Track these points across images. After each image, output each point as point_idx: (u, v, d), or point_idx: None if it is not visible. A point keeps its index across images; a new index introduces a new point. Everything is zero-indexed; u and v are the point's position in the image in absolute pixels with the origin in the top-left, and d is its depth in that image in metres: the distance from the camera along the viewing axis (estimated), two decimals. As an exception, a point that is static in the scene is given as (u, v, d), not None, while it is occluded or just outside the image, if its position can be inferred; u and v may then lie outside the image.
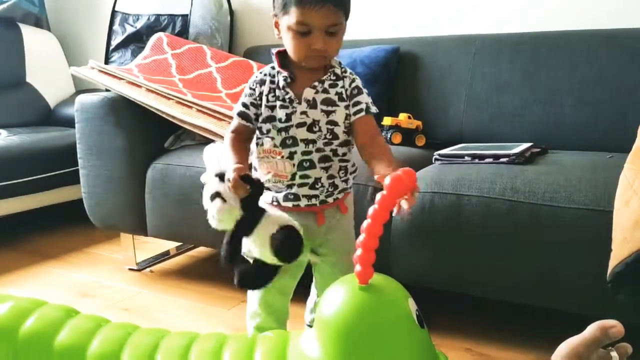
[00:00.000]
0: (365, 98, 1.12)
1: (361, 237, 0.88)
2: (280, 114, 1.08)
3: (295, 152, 1.09)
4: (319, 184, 1.11)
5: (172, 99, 1.73)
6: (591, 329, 0.55)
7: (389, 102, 1.92)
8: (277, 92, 1.09)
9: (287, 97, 1.08)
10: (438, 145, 1.67)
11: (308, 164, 1.10)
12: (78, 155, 1.79)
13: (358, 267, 0.88)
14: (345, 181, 1.15)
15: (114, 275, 1.87)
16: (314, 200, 1.12)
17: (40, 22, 2.82)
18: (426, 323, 0.87)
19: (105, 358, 0.85)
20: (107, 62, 2.42)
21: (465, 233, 1.26)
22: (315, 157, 1.10)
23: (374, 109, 1.12)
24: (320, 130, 1.09)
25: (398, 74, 1.95)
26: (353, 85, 1.12)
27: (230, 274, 1.76)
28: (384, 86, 1.91)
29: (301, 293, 1.18)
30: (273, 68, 1.11)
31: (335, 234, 1.16)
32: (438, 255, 1.30)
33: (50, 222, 2.42)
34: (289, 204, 1.12)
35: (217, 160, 1.53)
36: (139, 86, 1.76)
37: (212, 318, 1.53)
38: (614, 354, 0.56)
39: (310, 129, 1.09)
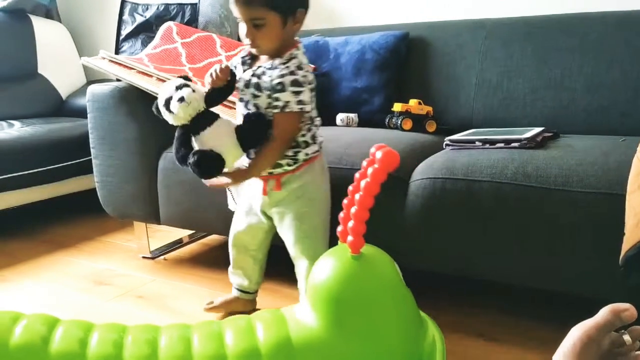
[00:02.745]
0: (286, 97, 1.16)
1: (353, 208, 0.91)
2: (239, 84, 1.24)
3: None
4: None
5: (183, 88, 1.73)
6: (604, 313, 0.55)
7: (399, 88, 1.91)
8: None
9: (245, 72, 1.22)
10: (449, 131, 1.67)
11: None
12: (91, 145, 1.81)
13: (350, 238, 0.91)
14: (294, 157, 1.24)
15: (128, 263, 1.89)
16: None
17: (50, 13, 2.84)
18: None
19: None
20: (117, 52, 2.43)
21: (476, 218, 1.26)
22: None
23: (293, 108, 1.17)
24: (249, 107, 1.23)
25: (408, 60, 1.94)
26: (278, 81, 1.16)
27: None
28: (393, 72, 1.90)
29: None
30: None
31: (289, 212, 1.28)
32: (450, 240, 1.30)
33: (65, 212, 2.45)
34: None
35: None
36: (150, 75, 1.77)
37: (225, 305, 1.55)
38: (626, 337, 0.57)
39: (246, 106, 1.24)
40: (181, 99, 1.16)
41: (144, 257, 1.93)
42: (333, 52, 1.97)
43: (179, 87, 1.18)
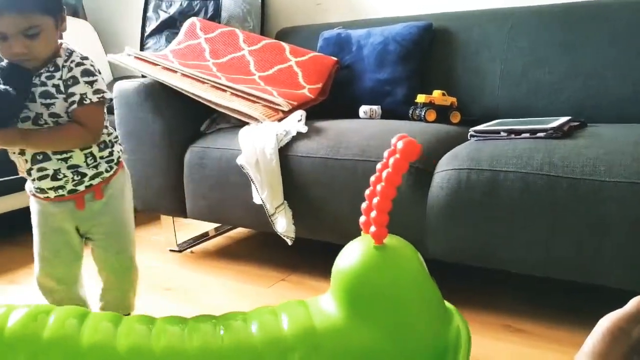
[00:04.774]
0: (81, 89, 1.06)
1: (375, 199, 0.91)
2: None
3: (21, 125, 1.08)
4: (60, 175, 1.11)
5: (207, 83, 1.75)
6: (633, 303, 0.54)
7: (422, 79, 1.90)
8: None
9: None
10: (473, 121, 1.65)
11: (42, 156, 1.09)
12: (118, 141, 1.84)
13: (373, 228, 0.91)
14: (96, 166, 1.14)
15: (156, 256, 1.92)
16: (60, 192, 1.12)
17: (77, 11, 2.89)
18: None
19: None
20: (142, 48, 2.46)
21: (502, 209, 1.25)
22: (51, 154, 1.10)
23: (92, 99, 1.07)
24: (46, 122, 1.07)
25: (431, 51, 1.93)
26: (69, 75, 1.06)
27: (268, 253, 1.81)
28: (417, 63, 1.90)
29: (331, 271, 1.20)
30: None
31: (103, 218, 1.17)
32: (475, 231, 1.29)
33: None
34: (41, 196, 1.13)
35: (252, 141, 1.56)
36: (174, 71, 1.79)
37: (252, 296, 1.57)
38: None
39: (35, 122, 1.07)
40: None
41: (171, 250, 1.96)
42: (355, 45, 1.97)
43: None
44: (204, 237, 2.07)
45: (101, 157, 1.15)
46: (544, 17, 1.78)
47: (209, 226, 2.12)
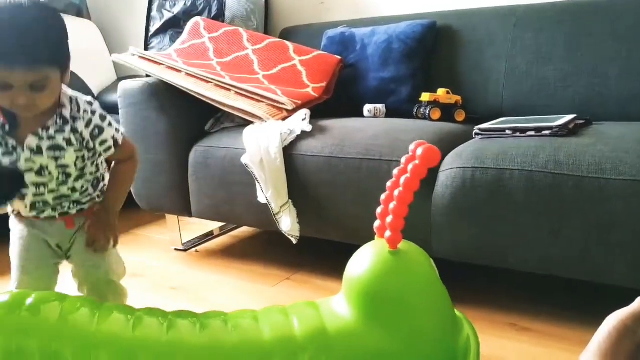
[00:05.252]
0: (109, 133, 1.10)
1: (392, 204, 0.91)
2: (5, 160, 1.04)
3: (26, 194, 1.08)
4: (58, 209, 1.12)
5: (211, 82, 1.75)
6: None
7: (427, 78, 1.90)
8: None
9: (9, 143, 1.02)
10: (478, 120, 1.65)
11: (41, 204, 1.11)
12: (123, 140, 1.84)
13: (388, 233, 0.91)
14: (92, 199, 1.15)
15: (161, 255, 1.93)
16: (53, 213, 1.12)
17: (81, 12, 2.89)
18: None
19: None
20: (146, 48, 2.47)
21: (507, 208, 1.25)
22: (49, 197, 1.10)
23: (120, 137, 1.12)
24: (50, 174, 1.07)
25: (436, 49, 1.93)
26: (92, 127, 1.08)
27: (273, 252, 1.81)
28: (421, 62, 1.89)
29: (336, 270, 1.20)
30: None
31: (80, 237, 1.16)
32: (480, 230, 1.29)
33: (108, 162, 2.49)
34: (29, 214, 1.13)
35: (257, 140, 1.56)
36: (179, 71, 1.79)
37: (256, 295, 1.57)
38: None
39: (39, 173, 1.06)
40: None
41: (176, 250, 1.96)
42: (360, 43, 1.97)
43: None
44: (209, 236, 2.08)
45: (95, 190, 1.17)
46: (548, 15, 1.78)
47: (214, 225, 2.12)
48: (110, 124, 1.11)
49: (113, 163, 1.19)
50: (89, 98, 1.11)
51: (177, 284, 1.68)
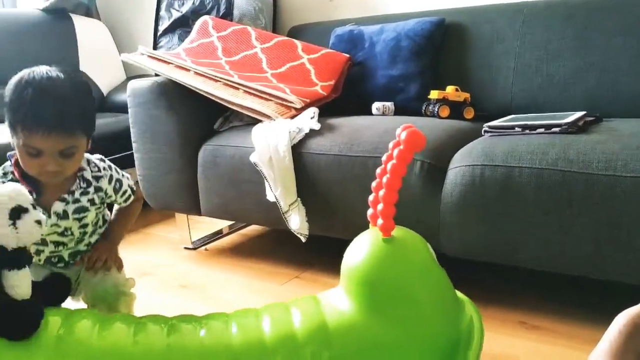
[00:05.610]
0: (126, 184, 1.19)
1: (381, 191, 0.90)
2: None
3: (42, 251, 1.12)
4: (70, 261, 1.17)
5: (220, 81, 1.76)
6: (650, 298, 0.54)
7: (435, 75, 1.89)
8: None
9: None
10: (487, 117, 1.64)
11: (57, 259, 1.16)
12: (132, 139, 1.85)
13: (380, 221, 0.90)
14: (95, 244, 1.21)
15: (170, 254, 1.93)
16: (65, 265, 1.18)
17: (90, 11, 2.90)
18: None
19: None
20: (155, 47, 2.48)
21: (517, 206, 1.24)
22: (65, 254, 1.16)
23: (133, 184, 1.22)
24: (72, 234, 1.14)
25: (444, 46, 1.92)
26: (114, 182, 1.16)
27: (282, 250, 1.81)
28: (430, 59, 1.89)
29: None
30: (5, 174, 1.06)
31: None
32: (489, 228, 1.29)
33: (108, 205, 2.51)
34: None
35: (265, 138, 1.56)
36: (188, 70, 1.80)
37: (265, 293, 1.58)
38: None
39: (62, 234, 1.12)
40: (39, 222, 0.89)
41: (185, 248, 1.97)
42: (368, 41, 1.97)
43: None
44: (218, 234, 2.08)
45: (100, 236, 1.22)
46: (557, 11, 1.77)
47: (223, 224, 2.13)
48: (123, 175, 1.19)
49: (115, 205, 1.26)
50: (99, 155, 1.17)
51: (186, 282, 1.69)
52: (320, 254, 1.79)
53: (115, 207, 1.26)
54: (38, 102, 0.97)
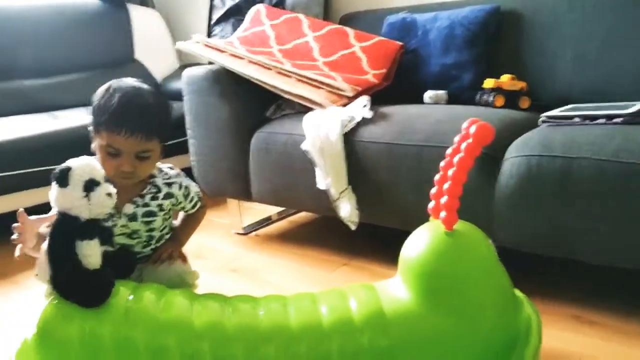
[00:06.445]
0: (194, 191, 1.25)
1: (446, 184, 0.90)
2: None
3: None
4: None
5: (272, 69, 1.78)
6: None
7: (490, 64, 1.85)
8: None
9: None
10: (543, 107, 1.60)
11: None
12: (186, 126, 1.89)
13: (443, 214, 0.90)
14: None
15: (222, 238, 1.98)
16: None
17: (145, 1, 2.98)
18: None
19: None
20: (209, 36, 2.52)
21: (575, 197, 1.21)
22: None
23: (199, 192, 1.28)
24: (140, 237, 1.19)
25: (499, 34, 1.88)
26: (183, 188, 1.22)
27: (331, 237, 1.83)
28: (484, 47, 1.85)
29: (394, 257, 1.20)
30: None
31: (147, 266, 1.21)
32: (546, 220, 1.26)
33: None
34: None
35: (317, 126, 1.57)
36: (241, 58, 1.82)
37: (315, 279, 1.59)
38: None
39: (130, 236, 1.18)
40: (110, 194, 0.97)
41: (236, 233, 2.01)
42: (421, 29, 1.94)
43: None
44: (267, 221, 2.11)
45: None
46: (621, -3, 1.70)
47: (272, 210, 2.16)
48: (190, 183, 1.25)
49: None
50: (169, 165, 1.24)
51: (237, 267, 1.72)
52: (370, 242, 1.79)
53: (181, 214, 1.32)
54: (123, 107, 1.07)
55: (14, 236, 0.96)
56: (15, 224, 0.96)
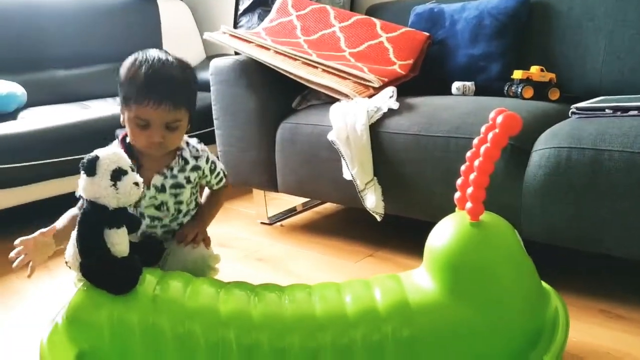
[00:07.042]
0: (220, 167, 1.30)
1: (472, 175, 0.90)
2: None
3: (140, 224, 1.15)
4: (163, 240, 1.22)
5: (299, 60, 1.78)
6: None
7: (519, 55, 1.83)
8: None
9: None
10: (573, 99, 1.58)
11: (152, 234, 1.23)
12: (214, 117, 1.91)
13: (469, 204, 0.90)
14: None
15: (247, 228, 1.99)
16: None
17: (173, -8, 3.00)
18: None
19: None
20: (235, 26, 2.53)
21: (606, 191, 1.19)
22: (160, 231, 1.24)
23: (224, 169, 1.34)
24: (167, 209, 1.22)
25: (529, 24, 1.85)
26: (210, 162, 1.26)
27: (356, 228, 1.83)
28: (513, 38, 1.83)
29: (419, 248, 1.20)
30: None
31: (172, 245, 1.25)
32: (574, 213, 1.24)
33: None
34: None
35: (343, 117, 1.57)
36: (267, 49, 1.83)
37: (340, 270, 1.60)
38: None
39: (158, 208, 1.21)
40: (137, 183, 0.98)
41: (262, 223, 2.03)
42: (449, 19, 1.93)
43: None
44: (292, 212, 2.13)
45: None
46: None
47: (297, 201, 2.17)
48: (216, 159, 1.28)
49: (207, 189, 1.37)
50: (196, 139, 1.27)
51: (263, 256, 1.74)
52: (395, 233, 1.79)
53: (206, 191, 1.34)
54: (150, 78, 1.08)
55: (18, 260, 0.99)
56: (15, 250, 1.00)
